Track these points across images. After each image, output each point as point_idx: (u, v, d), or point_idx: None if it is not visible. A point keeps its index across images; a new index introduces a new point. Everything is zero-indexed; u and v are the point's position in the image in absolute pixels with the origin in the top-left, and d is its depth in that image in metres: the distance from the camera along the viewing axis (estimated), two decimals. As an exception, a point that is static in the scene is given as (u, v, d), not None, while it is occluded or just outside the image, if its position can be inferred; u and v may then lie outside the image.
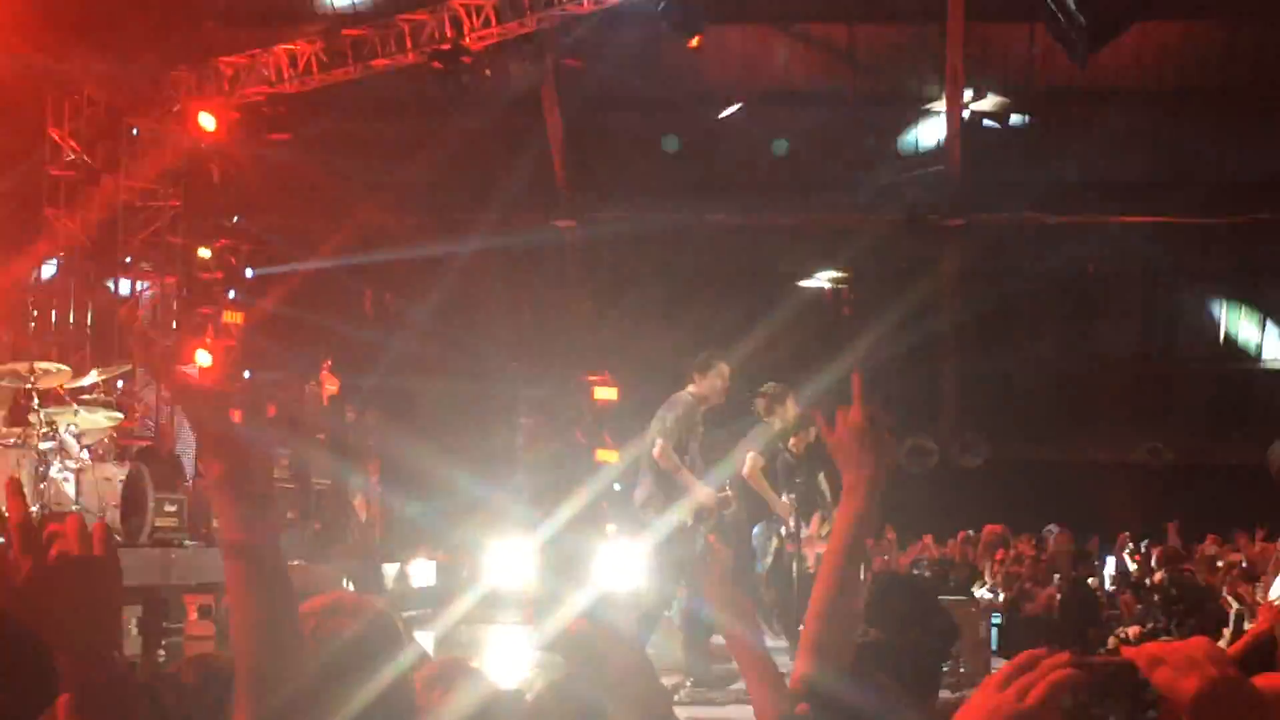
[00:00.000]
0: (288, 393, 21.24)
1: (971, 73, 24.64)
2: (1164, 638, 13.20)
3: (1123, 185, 25.52)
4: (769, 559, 13.08)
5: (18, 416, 14.78)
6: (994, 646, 15.58)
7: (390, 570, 18.60)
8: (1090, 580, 19.65)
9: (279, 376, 22.58)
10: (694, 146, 25.74)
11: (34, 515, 3.88)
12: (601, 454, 23.74)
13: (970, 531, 21.94)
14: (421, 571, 19.36)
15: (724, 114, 24.24)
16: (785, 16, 25.18)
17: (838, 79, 25.87)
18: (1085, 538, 21.97)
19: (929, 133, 25.72)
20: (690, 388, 12.96)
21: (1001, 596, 18.76)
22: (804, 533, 13.49)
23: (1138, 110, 25.04)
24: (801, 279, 25.84)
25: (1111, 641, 14.78)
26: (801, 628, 3.46)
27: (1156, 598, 15.68)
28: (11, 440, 14.34)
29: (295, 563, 17.61)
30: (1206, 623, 13.88)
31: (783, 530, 13.33)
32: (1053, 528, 21.32)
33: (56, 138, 21.42)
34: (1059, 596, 18.21)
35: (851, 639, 3.61)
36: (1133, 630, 14.93)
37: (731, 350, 14.42)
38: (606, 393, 24.93)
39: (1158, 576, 17.40)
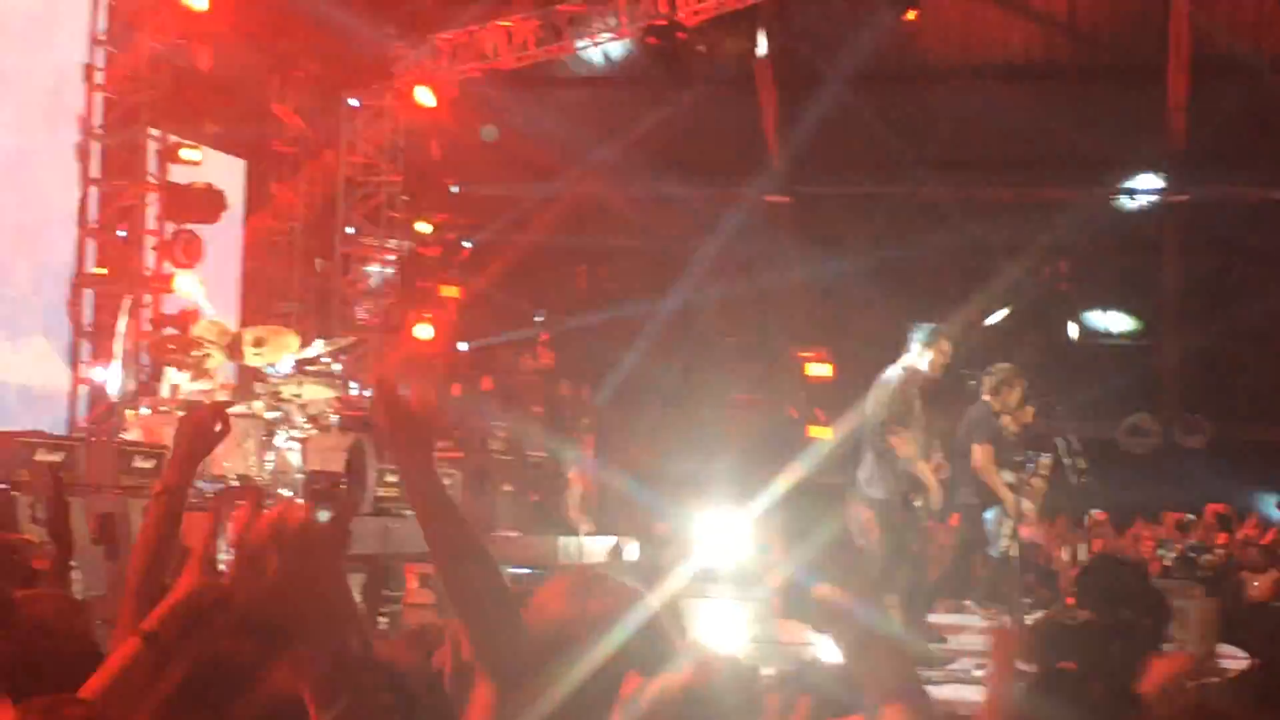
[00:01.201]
0: (504, 366, 21.48)
1: (1196, 42, 24.05)
2: None
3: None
4: (1003, 543, 12.90)
5: (245, 387, 15.13)
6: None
7: (604, 544, 18.70)
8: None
9: (495, 348, 22.86)
10: (910, 121, 25.46)
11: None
12: (814, 430, 23.62)
13: (1190, 516, 21.42)
14: (634, 545, 19.43)
15: None
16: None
17: (1058, 51, 25.44)
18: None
19: (1152, 105, 25.13)
20: (905, 361, 12.88)
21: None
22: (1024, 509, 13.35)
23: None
24: (1017, 254, 25.44)
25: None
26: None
27: None
28: (240, 410, 14.67)
29: (513, 534, 17.83)
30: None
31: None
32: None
33: (279, 113, 21.88)
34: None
35: None
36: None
37: (950, 326, 14.29)
38: (820, 369, 24.79)
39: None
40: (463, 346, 24.12)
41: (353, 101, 22.80)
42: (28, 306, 17.52)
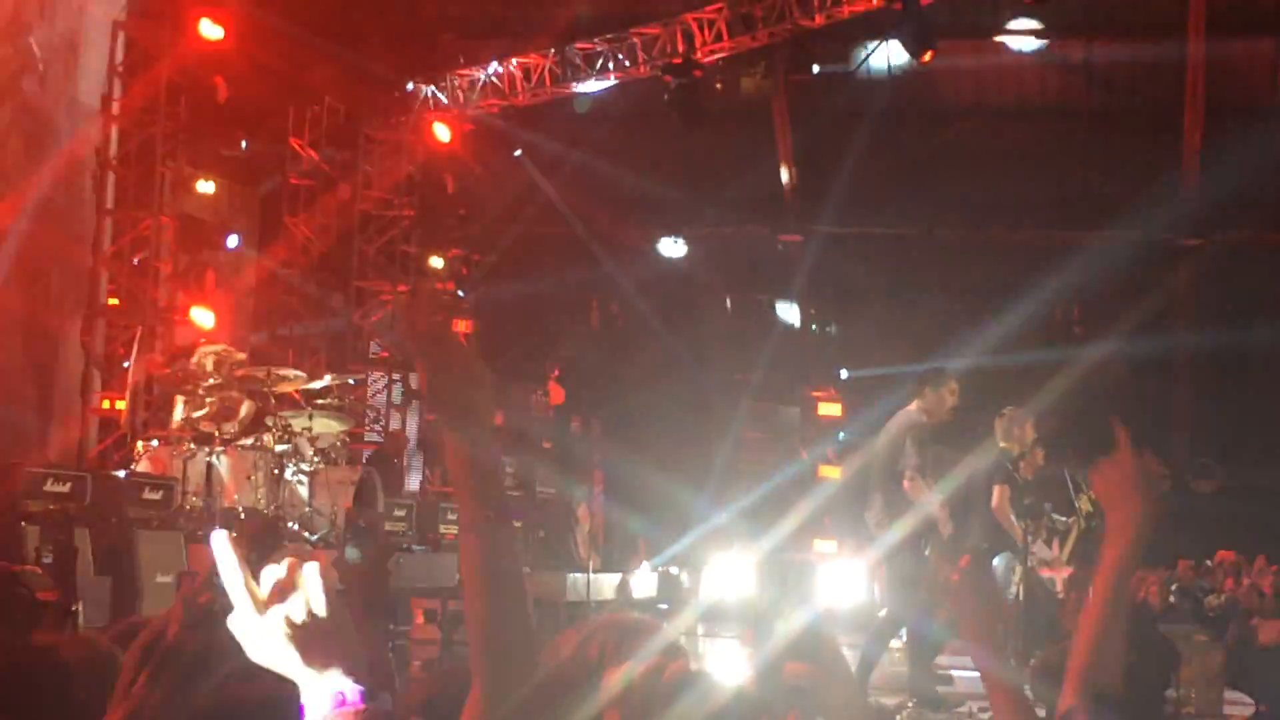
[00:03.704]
0: (515, 402, 21.47)
1: (1212, 89, 24.07)
2: None
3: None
4: (1013, 590, 12.86)
5: (255, 420, 15.16)
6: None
7: (612, 581, 18.69)
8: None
9: (506, 384, 22.83)
10: (924, 162, 25.47)
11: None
12: (824, 470, 23.61)
13: (1208, 561, 21.37)
14: (643, 582, 19.42)
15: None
16: (1020, 31, 24.85)
17: (1073, 95, 25.46)
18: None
19: (1166, 150, 25.13)
20: (917, 403, 12.85)
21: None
22: (1045, 555, 13.32)
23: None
24: (1030, 296, 25.42)
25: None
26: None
27: None
28: (249, 443, 14.70)
29: (524, 570, 17.80)
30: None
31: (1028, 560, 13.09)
32: None
33: (297, 147, 21.94)
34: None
35: (1116, 671, 3.62)
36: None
37: (959, 366, 14.28)
38: (830, 409, 24.79)
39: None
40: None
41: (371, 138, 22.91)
42: (41, 336, 17.53)
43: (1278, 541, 21.28)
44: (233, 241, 20.23)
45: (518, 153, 24.27)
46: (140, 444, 15.22)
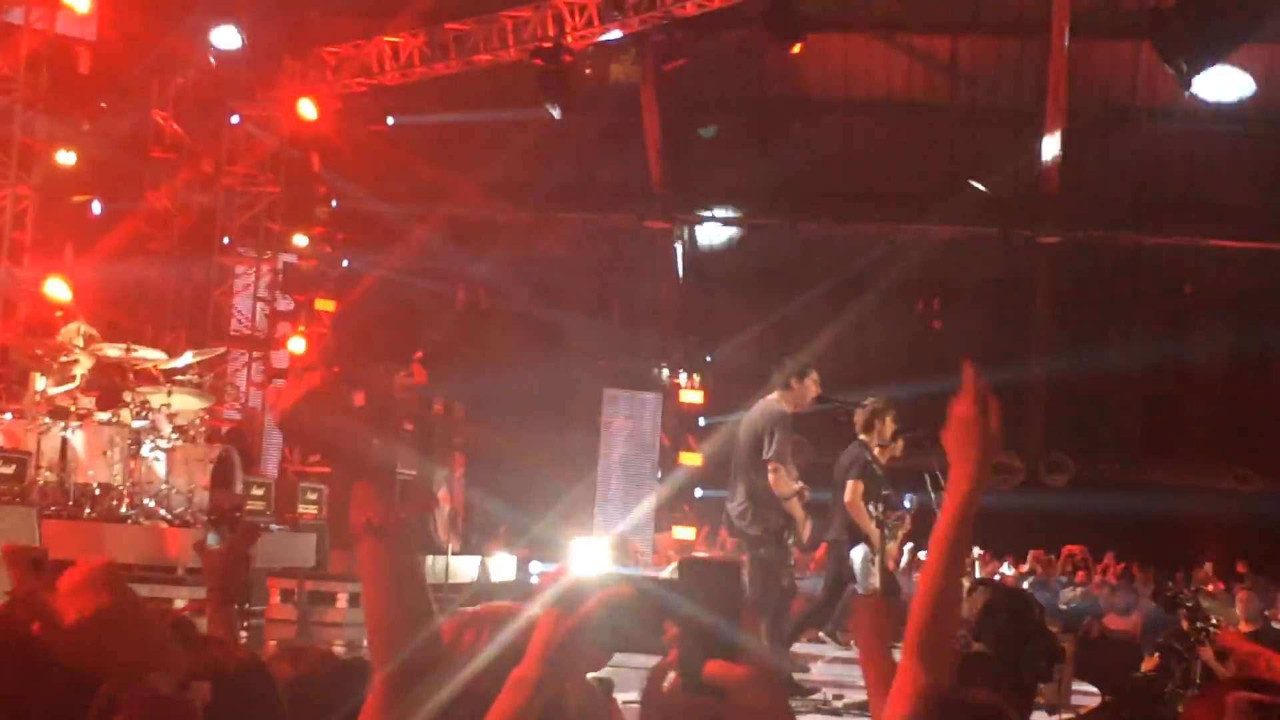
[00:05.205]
0: (377, 382, 21.35)
1: (1073, 89, 24.41)
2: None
3: (1222, 206, 25.17)
4: (872, 581, 12.94)
5: (112, 395, 14.95)
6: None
7: (471, 564, 18.68)
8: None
9: (368, 363, 22.72)
10: (790, 153, 25.63)
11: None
12: (685, 456, 23.74)
13: (1051, 556, 21.76)
14: (501, 565, 19.43)
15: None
16: (888, 26, 25.04)
17: (938, 91, 25.73)
18: (1167, 562, 21.70)
19: (1027, 148, 25.46)
20: (779, 394, 12.90)
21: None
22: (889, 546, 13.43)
23: (1243, 132, 24.74)
24: (892, 289, 25.70)
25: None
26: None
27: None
28: (105, 418, 14.51)
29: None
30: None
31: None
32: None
33: (160, 120, 21.62)
34: (1143, 620, 18.05)
35: (955, 635, 3.54)
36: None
37: (820, 357, 14.41)
38: (692, 396, 24.90)
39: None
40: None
41: (234, 119, 22.64)
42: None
43: (1125, 534, 21.70)
44: (95, 210, 19.92)
45: (390, 120, 24.09)
46: (-8, 417, 14.95)
